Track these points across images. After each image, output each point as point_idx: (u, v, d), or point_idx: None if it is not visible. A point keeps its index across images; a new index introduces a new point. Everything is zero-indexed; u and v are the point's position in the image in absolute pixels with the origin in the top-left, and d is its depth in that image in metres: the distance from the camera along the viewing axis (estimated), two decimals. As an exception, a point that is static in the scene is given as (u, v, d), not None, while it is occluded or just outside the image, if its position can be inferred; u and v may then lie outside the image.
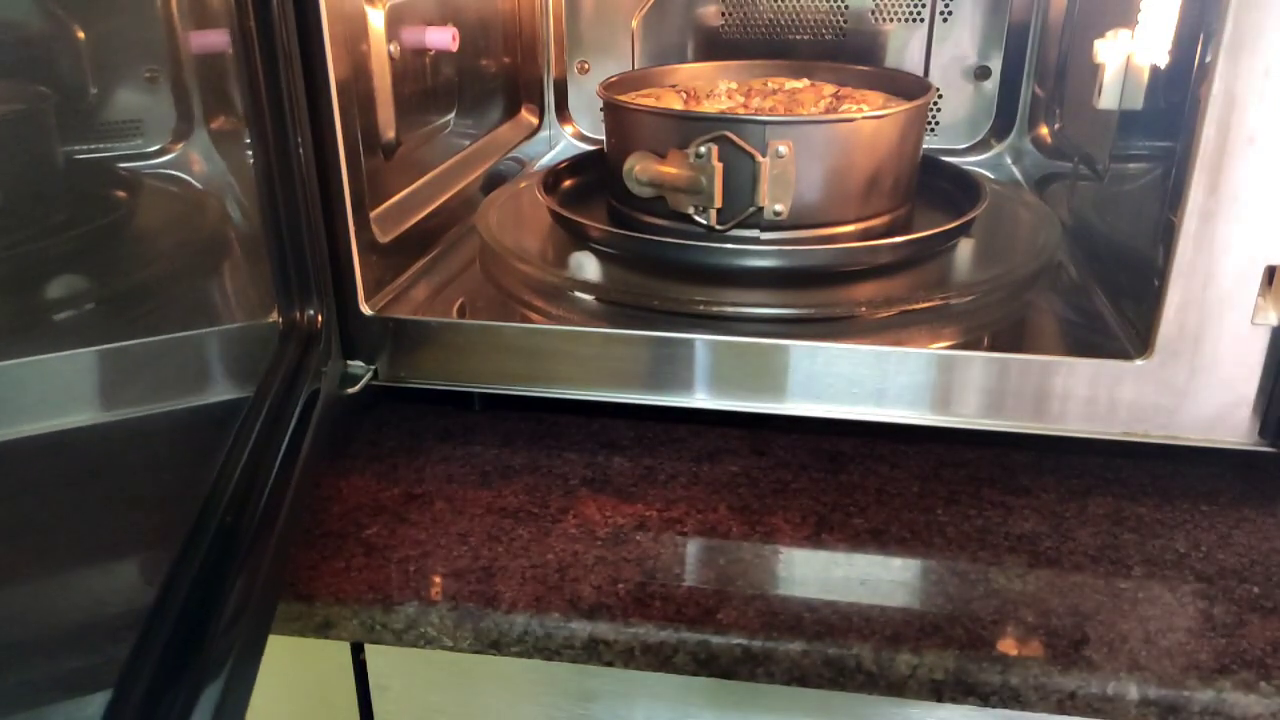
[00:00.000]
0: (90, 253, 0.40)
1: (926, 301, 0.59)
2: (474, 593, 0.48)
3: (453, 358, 0.59)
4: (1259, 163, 0.47)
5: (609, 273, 0.64)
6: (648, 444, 0.61)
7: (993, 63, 0.87)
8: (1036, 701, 0.44)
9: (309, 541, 0.52)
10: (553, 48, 0.93)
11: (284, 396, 0.50)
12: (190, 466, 0.42)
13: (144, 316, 0.43)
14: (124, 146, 0.45)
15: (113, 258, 0.42)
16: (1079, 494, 0.56)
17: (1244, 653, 0.44)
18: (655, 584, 0.48)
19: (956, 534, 0.52)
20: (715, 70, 0.80)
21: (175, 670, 0.36)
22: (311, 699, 0.55)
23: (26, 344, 0.35)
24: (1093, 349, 0.54)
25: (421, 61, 0.70)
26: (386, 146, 0.65)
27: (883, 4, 0.87)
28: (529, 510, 0.54)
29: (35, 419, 0.34)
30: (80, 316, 0.39)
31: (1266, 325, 0.50)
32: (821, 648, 0.45)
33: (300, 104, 0.52)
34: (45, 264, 0.37)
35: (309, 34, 0.52)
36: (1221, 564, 0.50)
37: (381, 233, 0.61)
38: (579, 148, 0.94)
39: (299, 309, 0.55)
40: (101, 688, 0.33)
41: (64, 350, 0.37)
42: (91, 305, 0.40)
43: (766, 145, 0.59)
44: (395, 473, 0.58)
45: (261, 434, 0.47)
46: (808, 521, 0.53)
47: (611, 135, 0.69)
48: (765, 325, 0.58)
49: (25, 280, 0.36)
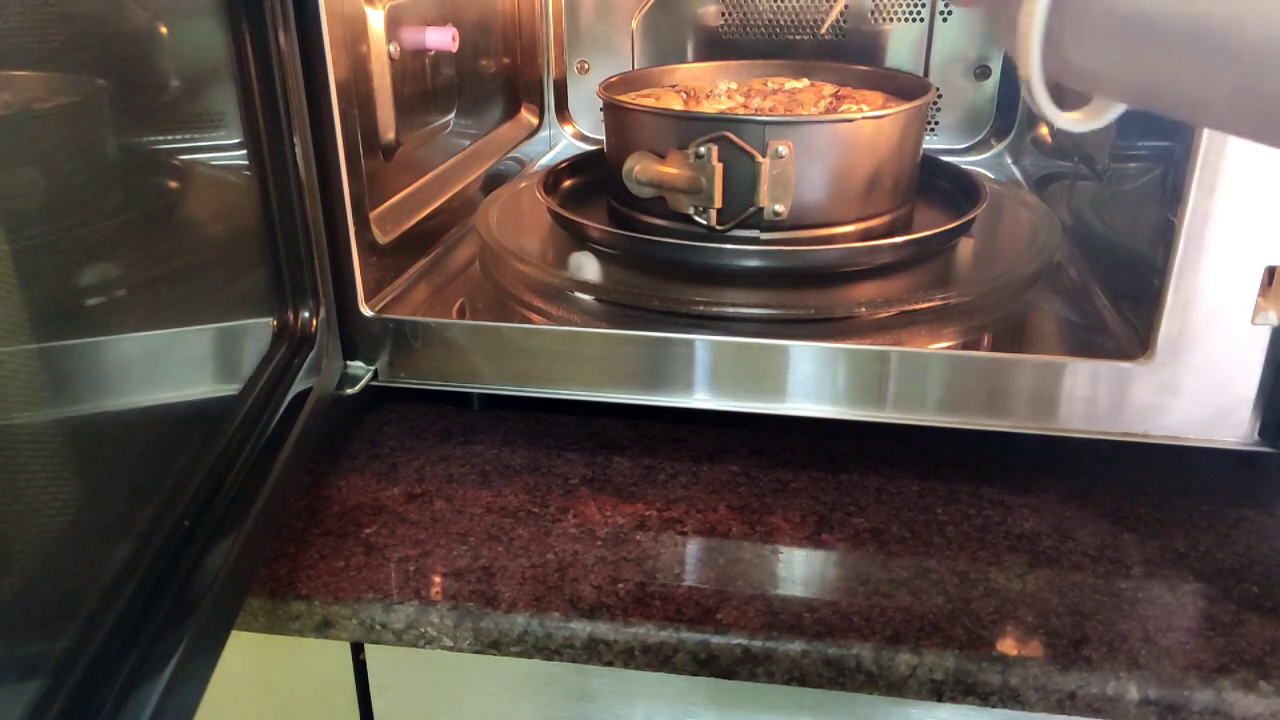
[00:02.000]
0: (130, 240, 0.41)
1: (926, 301, 0.59)
2: (474, 593, 0.48)
3: (453, 358, 0.59)
4: (1259, 163, 0.47)
5: (609, 273, 0.64)
6: (648, 444, 0.61)
7: (993, 63, 0.87)
8: (1036, 701, 0.44)
9: (308, 541, 0.52)
10: (552, 48, 0.93)
11: (267, 396, 0.50)
12: (159, 463, 0.42)
13: (155, 307, 0.43)
14: (207, 138, 0.46)
15: (157, 245, 0.43)
16: (1079, 494, 0.56)
17: (1244, 653, 0.44)
18: (655, 584, 0.48)
19: (956, 533, 0.52)
20: (715, 70, 0.80)
21: (113, 664, 0.36)
22: (311, 699, 0.55)
23: (28, 338, 0.35)
24: (1093, 349, 0.54)
25: (421, 62, 0.70)
26: (386, 147, 0.65)
27: (883, 4, 0.87)
28: (529, 510, 0.54)
29: (26, 407, 0.34)
30: (95, 306, 0.39)
31: (1266, 325, 0.50)
32: (821, 648, 0.45)
33: (300, 105, 0.52)
34: (76, 252, 0.37)
35: (308, 35, 0.52)
36: (1221, 564, 0.50)
37: (381, 233, 0.61)
38: (579, 148, 0.94)
39: (292, 310, 0.55)
40: (38, 677, 0.33)
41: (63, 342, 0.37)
42: (121, 293, 0.40)
43: (766, 145, 0.59)
44: (395, 472, 0.58)
45: (237, 433, 0.47)
46: (808, 521, 0.53)
47: (611, 135, 0.69)
48: (765, 325, 0.58)
49: (54, 269, 0.36)
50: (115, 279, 0.41)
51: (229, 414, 0.48)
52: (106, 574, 0.38)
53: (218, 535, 0.42)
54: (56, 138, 0.37)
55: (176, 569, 0.40)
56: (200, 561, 0.41)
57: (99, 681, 0.35)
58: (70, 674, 0.34)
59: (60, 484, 0.37)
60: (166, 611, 0.38)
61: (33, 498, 0.35)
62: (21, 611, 0.34)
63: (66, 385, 0.37)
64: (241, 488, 0.45)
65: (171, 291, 0.45)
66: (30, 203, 0.35)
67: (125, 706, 0.35)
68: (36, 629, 0.34)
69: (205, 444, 0.45)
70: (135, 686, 0.36)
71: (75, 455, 0.38)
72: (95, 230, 0.39)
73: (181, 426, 0.44)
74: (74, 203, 0.38)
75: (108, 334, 0.40)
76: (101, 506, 0.39)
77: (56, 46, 0.37)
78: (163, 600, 0.39)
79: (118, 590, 0.38)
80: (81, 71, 0.39)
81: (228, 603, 0.43)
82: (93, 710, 0.34)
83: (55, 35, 0.37)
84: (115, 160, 0.42)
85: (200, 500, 0.43)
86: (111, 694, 0.35)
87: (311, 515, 0.54)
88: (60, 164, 0.37)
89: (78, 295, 0.38)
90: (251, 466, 0.46)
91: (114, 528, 0.39)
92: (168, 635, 0.38)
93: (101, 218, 0.40)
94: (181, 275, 0.46)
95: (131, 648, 0.37)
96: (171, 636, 0.38)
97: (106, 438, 0.40)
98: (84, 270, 0.38)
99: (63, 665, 0.34)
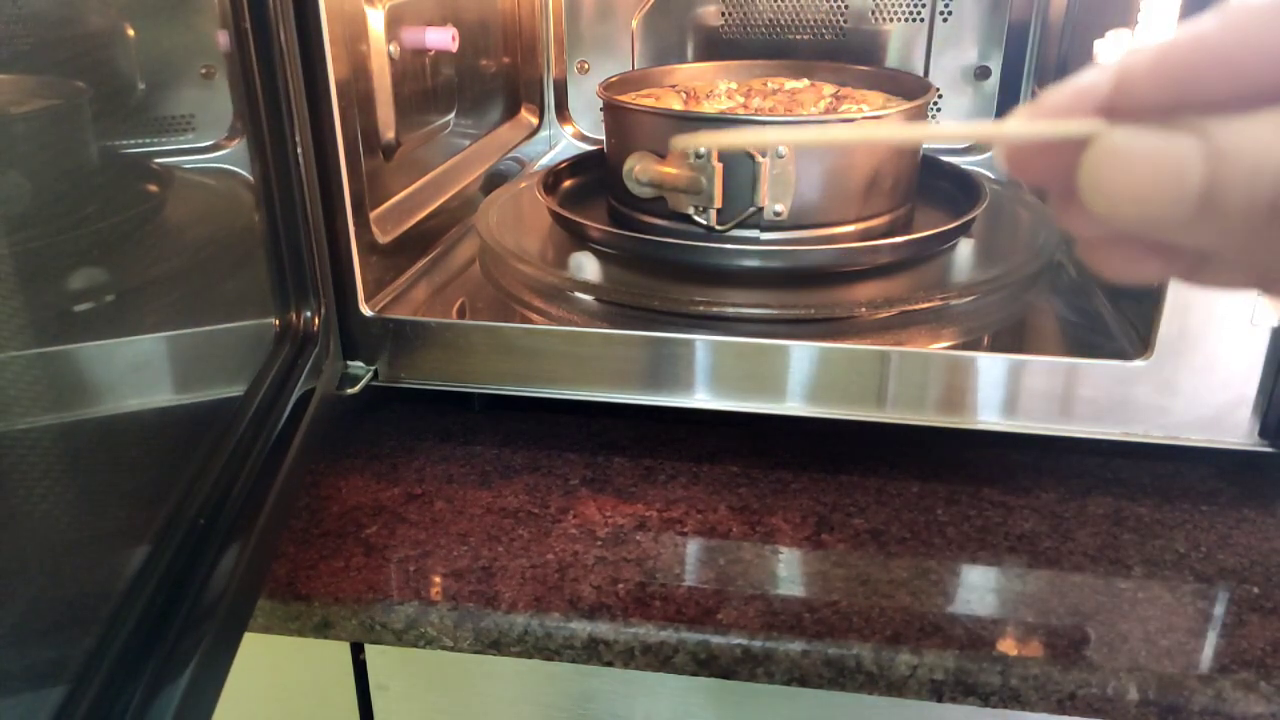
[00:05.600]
0: (113, 247, 0.40)
1: (926, 301, 0.59)
2: (474, 593, 0.48)
3: (453, 358, 0.59)
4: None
5: (609, 273, 0.64)
6: (648, 444, 0.61)
7: (993, 63, 0.87)
8: (1036, 701, 0.44)
9: (308, 541, 0.52)
10: (552, 48, 0.93)
11: (273, 397, 0.50)
12: (169, 464, 0.42)
13: (156, 310, 0.43)
14: (174, 142, 0.45)
15: (139, 251, 0.43)
16: (1079, 494, 0.56)
17: (1244, 653, 0.44)
18: (655, 584, 0.48)
19: (957, 534, 0.52)
20: (715, 70, 0.80)
21: (134, 667, 0.36)
22: (311, 699, 0.55)
23: (33, 338, 0.35)
24: (1093, 349, 0.54)
25: (421, 62, 0.70)
26: (386, 147, 0.65)
27: (883, 4, 0.87)
28: (529, 510, 0.54)
29: (29, 413, 0.34)
30: (91, 310, 0.39)
31: (1266, 325, 0.50)
32: (821, 648, 0.45)
33: (300, 105, 0.52)
34: (65, 256, 0.37)
35: (308, 34, 0.52)
36: (1221, 564, 0.50)
37: (381, 233, 0.61)
38: (579, 148, 0.94)
39: (295, 310, 0.55)
40: (60, 682, 0.33)
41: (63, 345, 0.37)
42: (111, 298, 0.40)
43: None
44: (395, 473, 0.58)
45: (246, 434, 0.47)
46: (808, 522, 0.53)
47: (611, 135, 0.69)
48: (765, 325, 0.58)
49: (41, 273, 0.36)
50: (116, 280, 0.41)
51: (237, 415, 0.48)
52: (125, 577, 0.38)
53: (232, 536, 0.42)
54: (58, 137, 0.37)
55: (194, 570, 0.40)
56: (217, 562, 0.41)
57: (122, 685, 0.35)
58: (93, 678, 0.34)
59: (76, 488, 0.37)
60: (186, 613, 0.39)
61: (51, 505, 0.35)
62: (42, 617, 0.34)
63: (75, 390, 0.37)
64: (253, 488, 0.45)
65: (175, 293, 0.45)
66: (20, 207, 0.35)
67: (148, 709, 0.35)
68: (56, 634, 0.34)
69: (216, 445, 0.45)
70: (158, 688, 0.36)
71: (89, 459, 0.38)
72: (104, 231, 0.39)
73: (193, 427, 0.44)
74: (75, 205, 0.38)
75: (115, 337, 0.40)
76: (118, 509, 0.39)
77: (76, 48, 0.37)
78: (182, 601, 0.39)
79: (137, 593, 0.38)
80: (92, 73, 0.39)
81: (243, 602, 0.43)
82: (116, 714, 0.34)
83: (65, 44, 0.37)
84: (123, 163, 0.42)
85: (214, 500, 0.43)
86: (135, 697, 0.35)
87: (311, 515, 0.54)
88: (63, 165, 0.37)
89: (83, 299, 0.38)
90: (261, 466, 0.46)
91: (131, 530, 0.39)
92: (188, 636, 0.38)
93: (106, 220, 0.40)
94: (182, 276, 0.46)
95: (152, 650, 0.37)
96: (191, 637, 0.38)
97: (120, 440, 0.40)
98: (88, 273, 0.38)
99: (85, 669, 0.34)
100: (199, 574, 0.40)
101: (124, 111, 0.43)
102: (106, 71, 0.42)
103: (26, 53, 0.36)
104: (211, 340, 0.48)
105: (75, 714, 0.33)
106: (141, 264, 0.43)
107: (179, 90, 0.47)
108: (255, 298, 0.53)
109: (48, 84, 0.38)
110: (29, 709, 0.32)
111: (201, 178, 0.50)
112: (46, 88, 0.38)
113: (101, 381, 0.39)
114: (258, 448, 0.47)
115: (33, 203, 0.35)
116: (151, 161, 0.46)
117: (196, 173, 0.49)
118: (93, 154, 0.41)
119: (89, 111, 0.40)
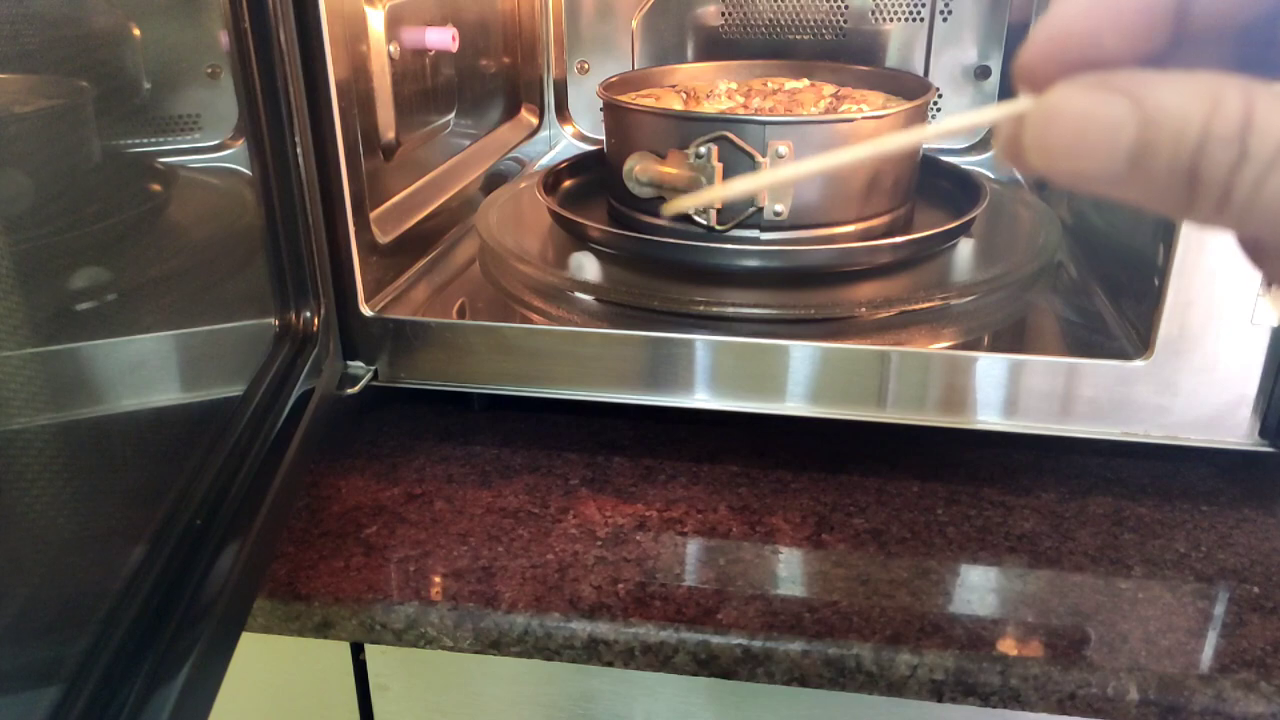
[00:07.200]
0: (116, 246, 0.40)
1: (926, 301, 0.59)
2: (474, 593, 0.48)
3: (452, 358, 0.59)
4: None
5: (609, 273, 0.64)
6: (648, 444, 0.61)
7: (993, 62, 0.87)
8: (1036, 701, 0.44)
9: (308, 541, 0.52)
10: (552, 48, 0.93)
11: (273, 396, 0.50)
12: (167, 464, 0.42)
13: (156, 310, 0.43)
14: (180, 141, 0.46)
15: (141, 250, 0.43)
16: (1079, 494, 0.56)
17: (1244, 653, 0.44)
18: (655, 584, 0.48)
19: (956, 534, 0.52)
20: (715, 70, 0.80)
21: (130, 667, 0.36)
22: (311, 699, 0.55)
23: (34, 337, 0.35)
24: (1093, 349, 0.54)
25: (421, 62, 0.70)
26: (386, 147, 0.65)
27: (883, 4, 0.87)
28: (529, 510, 0.54)
29: (28, 412, 0.34)
30: (92, 310, 0.39)
31: (1266, 325, 0.50)
32: (821, 648, 0.45)
33: (300, 105, 0.52)
34: (67, 255, 0.37)
35: (308, 34, 0.52)
36: (1221, 564, 0.50)
37: (381, 233, 0.61)
38: (579, 148, 0.94)
39: (294, 310, 0.55)
40: (56, 682, 0.33)
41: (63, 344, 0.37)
42: (113, 297, 0.40)
43: (766, 146, 0.59)
44: (395, 473, 0.58)
45: (245, 434, 0.47)
46: (808, 521, 0.53)
47: (611, 135, 0.69)
48: (765, 325, 0.58)
49: (43, 272, 0.36)
50: (118, 280, 0.41)
51: (236, 415, 0.48)
52: (122, 576, 0.38)
53: (229, 536, 0.42)
54: (62, 137, 0.37)
55: (190, 570, 0.40)
56: (214, 562, 0.41)
57: (117, 684, 0.35)
58: (89, 678, 0.34)
59: (74, 487, 0.37)
60: (182, 612, 0.38)
61: (46, 504, 0.35)
62: (38, 616, 0.34)
63: (74, 389, 0.37)
64: (250, 488, 0.45)
65: (175, 292, 0.45)
66: (23, 206, 0.35)
67: (144, 709, 0.35)
68: (53, 633, 0.34)
69: (214, 445, 0.45)
70: (153, 689, 0.36)
71: (88, 458, 0.38)
72: (102, 232, 0.39)
73: (191, 427, 0.44)
74: (78, 204, 0.38)
75: (115, 336, 0.40)
76: (115, 508, 0.39)
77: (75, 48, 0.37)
78: (178, 601, 0.39)
79: (133, 592, 0.38)
80: (98, 72, 0.39)
81: (240, 602, 0.43)
82: (111, 714, 0.34)
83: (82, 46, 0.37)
84: (127, 162, 0.42)
85: (211, 501, 0.43)
86: (130, 697, 0.35)
87: (311, 515, 0.54)
88: (66, 164, 0.37)
89: (81, 299, 0.38)
90: (259, 467, 0.46)
91: (127, 530, 0.39)
92: (184, 636, 0.38)
93: (110, 219, 0.40)
94: (183, 275, 0.46)
95: (148, 650, 0.37)
96: (187, 637, 0.38)
97: (117, 440, 0.40)
98: (90, 272, 0.38)
99: (81, 669, 0.34)
100: (196, 574, 0.40)
101: (129, 111, 0.43)
102: (112, 71, 0.42)
103: (32, 52, 0.36)
104: (211, 340, 0.48)
105: (71, 713, 0.33)
106: (143, 263, 0.43)
107: (185, 90, 0.48)
108: (255, 297, 0.53)
109: (52, 83, 0.38)
110: (25, 708, 0.32)
111: (206, 177, 0.50)
112: (51, 87, 0.38)
113: (100, 381, 0.39)
114: (256, 447, 0.47)
115: (36, 202, 0.36)
116: (156, 161, 0.46)
117: (201, 172, 0.50)
118: (97, 153, 0.41)
119: (94, 111, 0.40)
